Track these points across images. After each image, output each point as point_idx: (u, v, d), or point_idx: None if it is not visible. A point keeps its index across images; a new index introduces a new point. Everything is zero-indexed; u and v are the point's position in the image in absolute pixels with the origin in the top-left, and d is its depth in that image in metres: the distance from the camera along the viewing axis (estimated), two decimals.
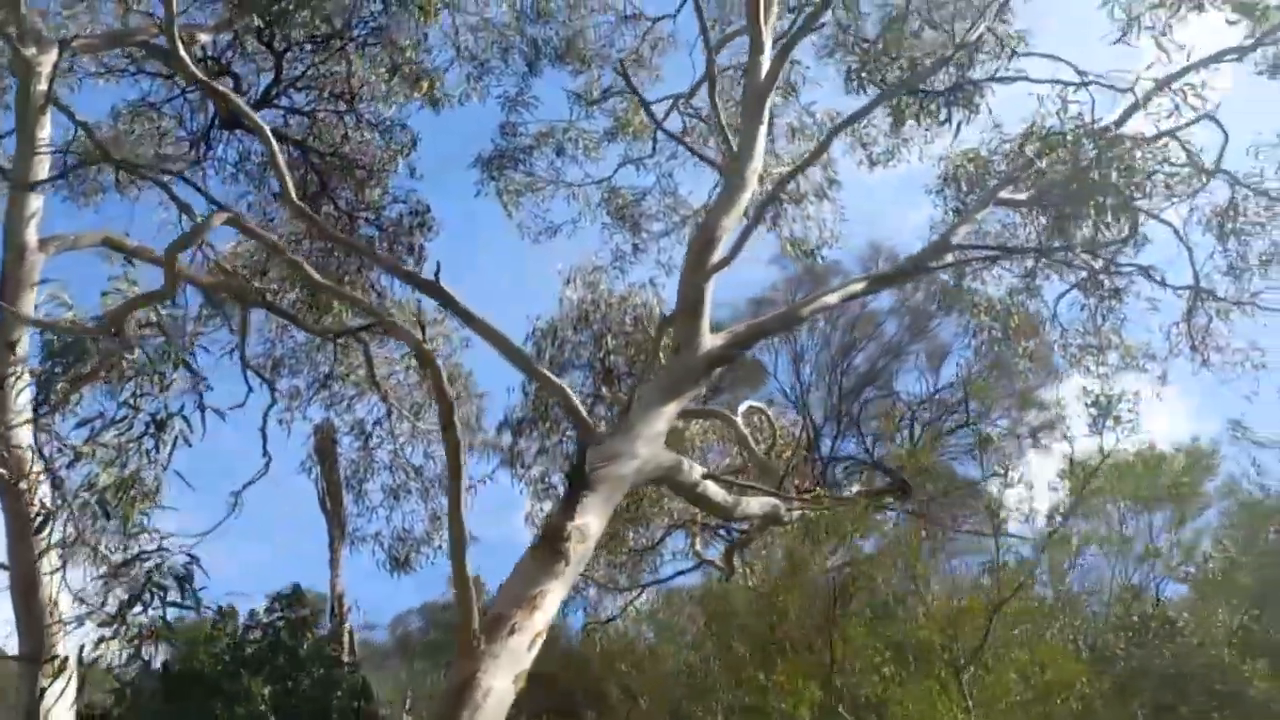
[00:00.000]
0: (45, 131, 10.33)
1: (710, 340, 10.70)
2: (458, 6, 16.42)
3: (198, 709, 12.51)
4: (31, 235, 9.77)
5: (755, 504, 12.10)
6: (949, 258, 12.43)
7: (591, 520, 8.75)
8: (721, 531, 17.53)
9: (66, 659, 8.04)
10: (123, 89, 14.31)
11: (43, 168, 10.23)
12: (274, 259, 14.26)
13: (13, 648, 8.25)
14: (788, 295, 27.38)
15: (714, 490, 11.13)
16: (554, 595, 8.16)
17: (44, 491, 8.35)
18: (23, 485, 8.13)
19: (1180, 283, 14.15)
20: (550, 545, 8.32)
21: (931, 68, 11.38)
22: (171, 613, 7.87)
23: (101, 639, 7.91)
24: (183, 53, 9.81)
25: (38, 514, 8.16)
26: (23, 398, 8.83)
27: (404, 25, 14.49)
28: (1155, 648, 14.44)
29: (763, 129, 11.97)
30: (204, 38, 13.64)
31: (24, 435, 8.63)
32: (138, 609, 7.81)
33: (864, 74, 12.23)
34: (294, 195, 10.09)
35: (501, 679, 7.45)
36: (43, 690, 7.89)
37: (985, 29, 11.14)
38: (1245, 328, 14.54)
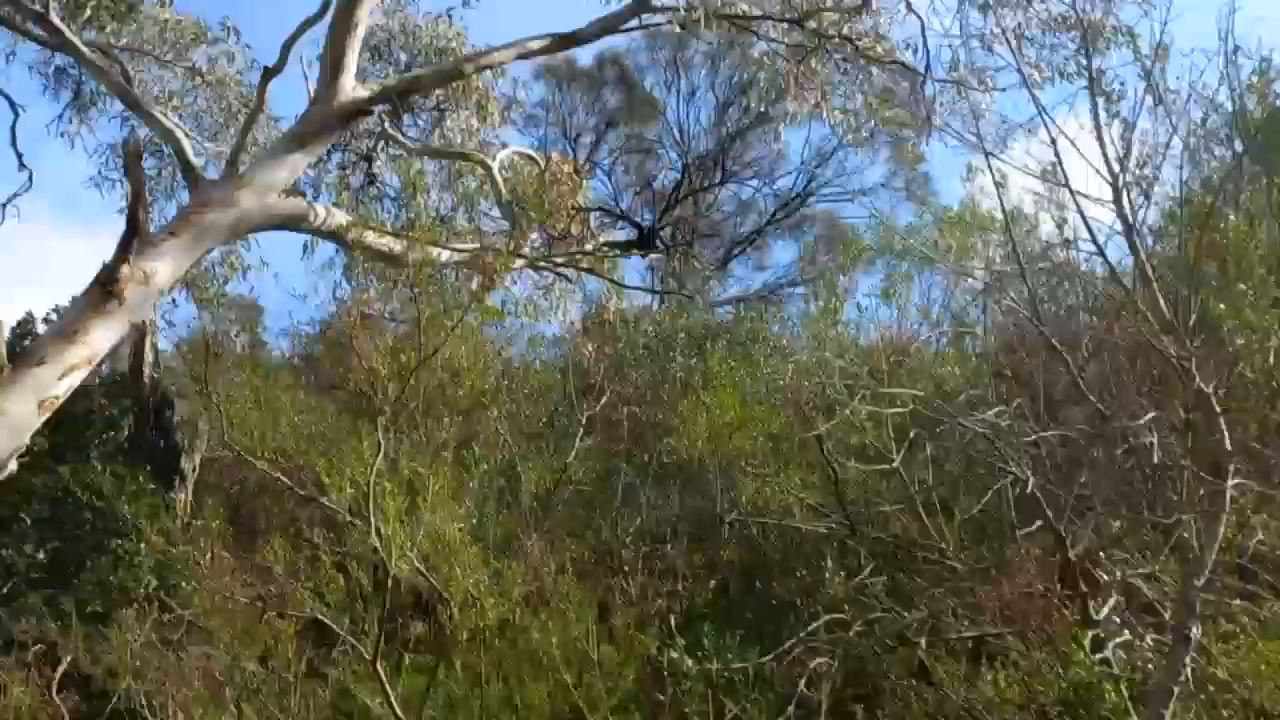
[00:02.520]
0: None
1: (353, 91, 10.73)
2: None
3: None
4: None
5: (445, 254, 12.54)
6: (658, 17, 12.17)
7: (163, 265, 9.33)
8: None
9: None
10: None
11: None
12: None
13: None
14: None
15: (374, 240, 11.59)
16: (101, 332, 8.86)
17: None
18: None
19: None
20: (102, 287, 8.95)
21: None
22: None
23: None
24: None
25: None
26: None
27: None
28: None
29: None
30: None
31: None
32: None
33: None
34: None
35: (21, 404, 8.33)
36: None
37: None
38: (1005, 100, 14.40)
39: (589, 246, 15.49)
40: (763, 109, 20.48)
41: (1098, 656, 5.79)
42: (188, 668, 9.31)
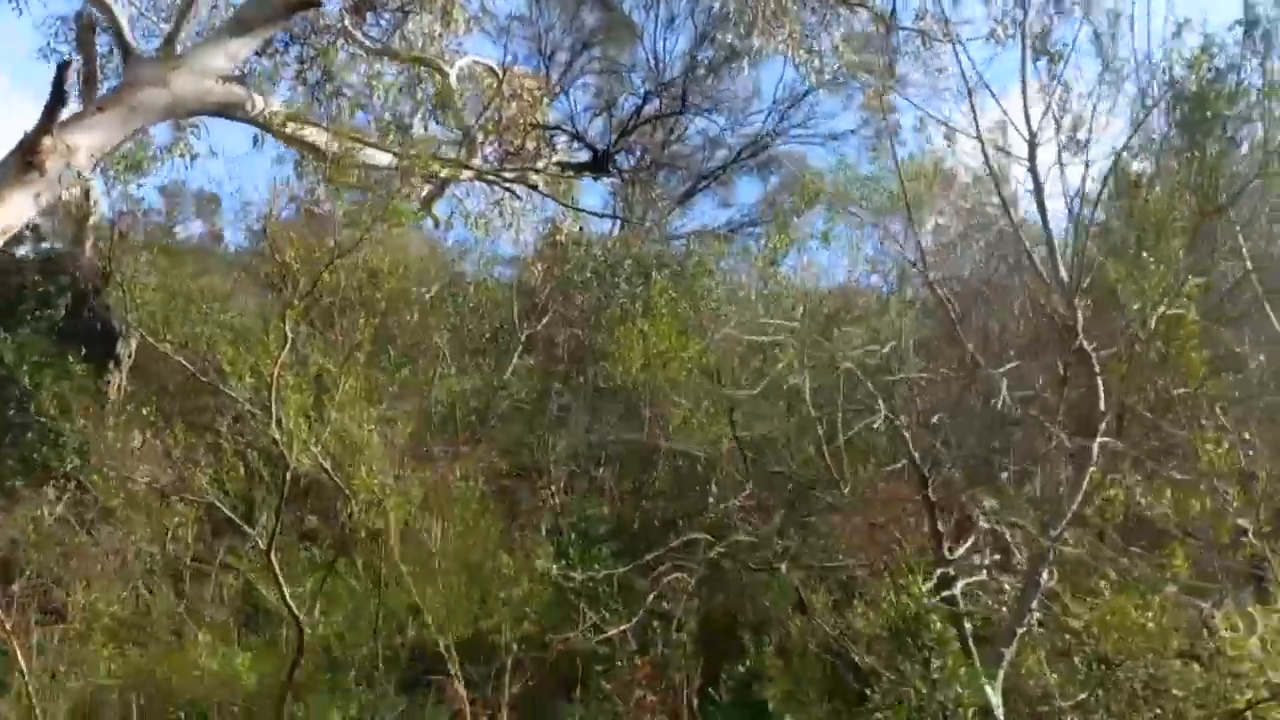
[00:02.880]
0: None
1: None
2: None
3: None
4: None
5: (384, 157, 12.38)
6: None
7: (87, 139, 9.16)
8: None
9: None
10: None
11: None
12: None
13: None
14: None
15: (311, 134, 11.39)
16: (18, 202, 8.72)
17: None
18: None
19: None
20: (23, 157, 8.77)
21: None
22: None
23: None
24: None
25: None
26: None
27: None
28: None
29: None
30: None
31: None
32: None
33: None
34: None
35: None
36: None
37: None
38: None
39: (541, 164, 15.34)
40: (730, 43, 20.21)
41: (944, 593, 6.02)
42: (96, 545, 9.37)
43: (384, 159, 12.69)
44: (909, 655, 5.59)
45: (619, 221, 20.98)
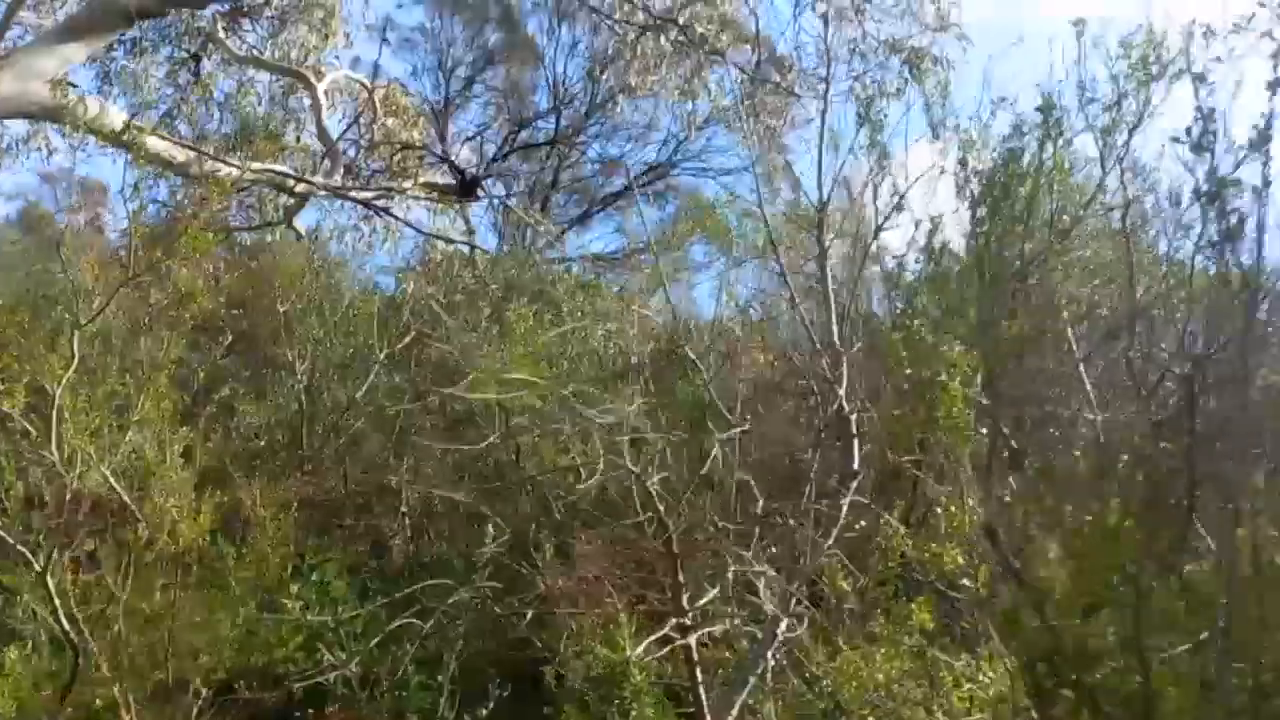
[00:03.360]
0: None
1: None
2: None
3: None
4: None
5: (225, 168, 12.29)
6: None
7: None
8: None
9: None
10: None
11: None
12: None
13: None
14: None
15: (155, 143, 11.22)
16: None
17: None
18: None
19: None
20: None
21: None
22: None
23: None
24: None
25: None
26: None
27: None
28: None
29: None
30: None
31: None
32: None
33: None
34: None
35: None
36: None
37: None
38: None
39: (407, 185, 15.35)
40: (608, 79, 20.61)
41: (678, 642, 6.25)
42: None
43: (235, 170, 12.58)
44: (610, 705, 5.80)
45: (499, 242, 21.08)
